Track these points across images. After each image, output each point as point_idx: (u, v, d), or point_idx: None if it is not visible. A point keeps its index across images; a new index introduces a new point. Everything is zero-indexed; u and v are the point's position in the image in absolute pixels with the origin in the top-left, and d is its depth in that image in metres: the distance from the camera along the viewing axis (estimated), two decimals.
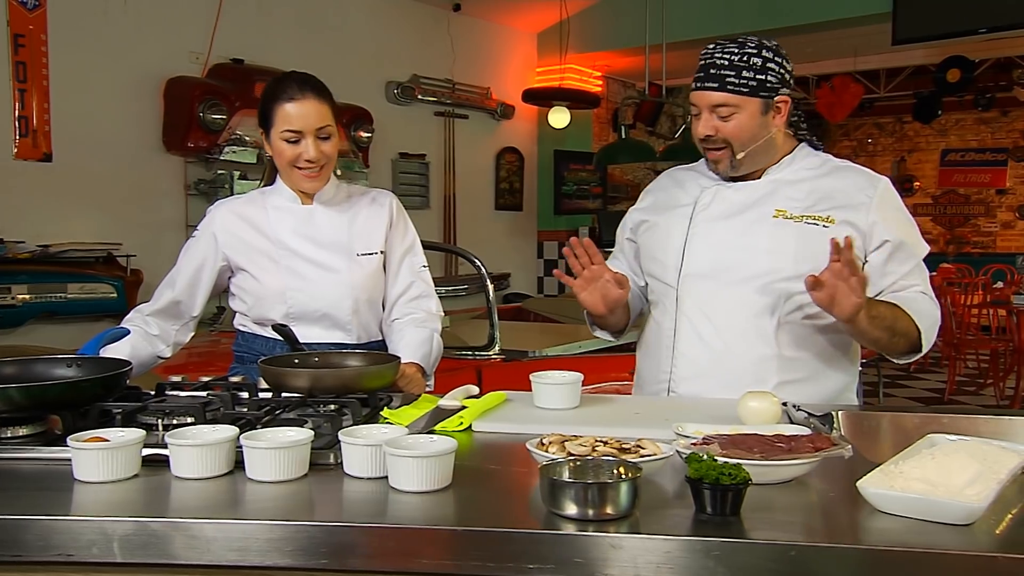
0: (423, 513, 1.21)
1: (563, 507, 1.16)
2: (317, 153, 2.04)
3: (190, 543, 1.16)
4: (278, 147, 2.06)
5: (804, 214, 1.91)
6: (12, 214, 5.00)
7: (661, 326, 2.02)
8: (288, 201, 2.14)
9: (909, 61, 9.06)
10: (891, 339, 1.86)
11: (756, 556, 1.08)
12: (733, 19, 7.32)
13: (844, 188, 1.95)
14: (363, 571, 1.16)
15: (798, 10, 7.08)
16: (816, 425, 1.59)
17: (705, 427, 1.48)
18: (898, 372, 8.31)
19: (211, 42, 5.85)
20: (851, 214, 1.91)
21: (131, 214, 5.52)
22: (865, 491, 1.17)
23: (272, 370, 1.71)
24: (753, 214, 1.95)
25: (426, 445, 1.31)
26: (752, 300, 1.92)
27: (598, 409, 1.78)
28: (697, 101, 1.93)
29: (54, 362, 1.72)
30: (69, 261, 5.11)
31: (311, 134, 2.04)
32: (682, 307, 1.97)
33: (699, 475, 1.17)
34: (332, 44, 6.57)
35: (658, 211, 2.10)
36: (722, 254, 1.94)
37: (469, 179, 7.89)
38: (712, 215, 1.98)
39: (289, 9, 6.38)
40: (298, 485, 1.33)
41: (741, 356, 1.92)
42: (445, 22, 7.53)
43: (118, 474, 1.32)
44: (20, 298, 4.87)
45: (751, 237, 1.93)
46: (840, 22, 7.06)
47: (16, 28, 5.06)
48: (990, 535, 1.10)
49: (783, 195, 1.95)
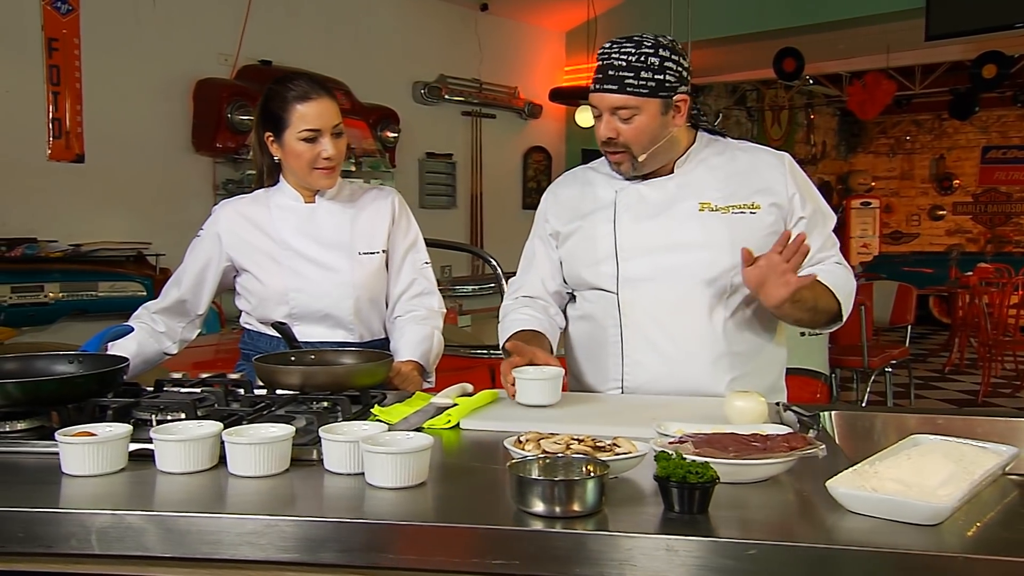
0: (394, 509, 1.22)
1: (530, 504, 1.17)
2: (335, 150, 2.09)
3: (165, 536, 1.19)
4: (295, 148, 2.09)
5: (729, 204, 1.93)
6: (45, 214, 5.12)
7: (605, 331, 1.99)
8: (291, 200, 2.17)
9: (945, 57, 8.91)
10: (813, 317, 1.91)
11: (716, 554, 1.08)
12: (762, 16, 7.27)
13: (757, 170, 1.97)
14: (333, 565, 1.17)
15: (829, 6, 7.00)
16: (806, 423, 1.59)
17: (689, 426, 1.48)
18: (931, 374, 8.18)
19: (239, 44, 5.94)
20: (771, 196, 1.95)
21: (160, 214, 5.62)
22: (835, 491, 1.16)
23: (265, 367, 1.74)
24: (678, 210, 1.94)
25: (401, 442, 1.33)
26: (700, 300, 1.92)
27: (588, 407, 1.78)
28: (597, 103, 1.91)
29: (55, 358, 1.75)
30: (100, 260, 5.22)
31: (328, 132, 2.08)
32: (628, 313, 1.95)
33: (666, 473, 1.17)
34: (359, 45, 6.63)
35: (575, 218, 2.05)
36: (659, 255, 1.93)
37: (496, 179, 7.91)
38: (637, 215, 1.97)
39: (317, 10, 6.45)
40: (279, 480, 1.35)
41: (696, 358, 1.92)
42: (473, 22, 7.56)
43: (104, 468, 1.35)
44: (52, 296, 4.99)
45: (683, 234, 1.93)
46: (872, 18, 6.96)
47: (50, 32, 5.17)
48: (958, 535, 1.08)
49: (701, 187, 1.95)
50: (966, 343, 8.45)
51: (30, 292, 4.89)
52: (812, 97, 12.50)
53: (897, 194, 14.80)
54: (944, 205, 14.42)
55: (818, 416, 1.63)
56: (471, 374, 2.97)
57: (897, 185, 14.84)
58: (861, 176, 14.60)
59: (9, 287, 4.82)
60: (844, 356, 5.83)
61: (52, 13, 5.18)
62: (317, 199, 2.18)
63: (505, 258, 8.08)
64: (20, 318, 4.82)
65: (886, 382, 6.12)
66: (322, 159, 2.09)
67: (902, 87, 9.82)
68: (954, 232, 14.27)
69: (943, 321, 10.95)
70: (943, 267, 10.78)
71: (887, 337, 7.59)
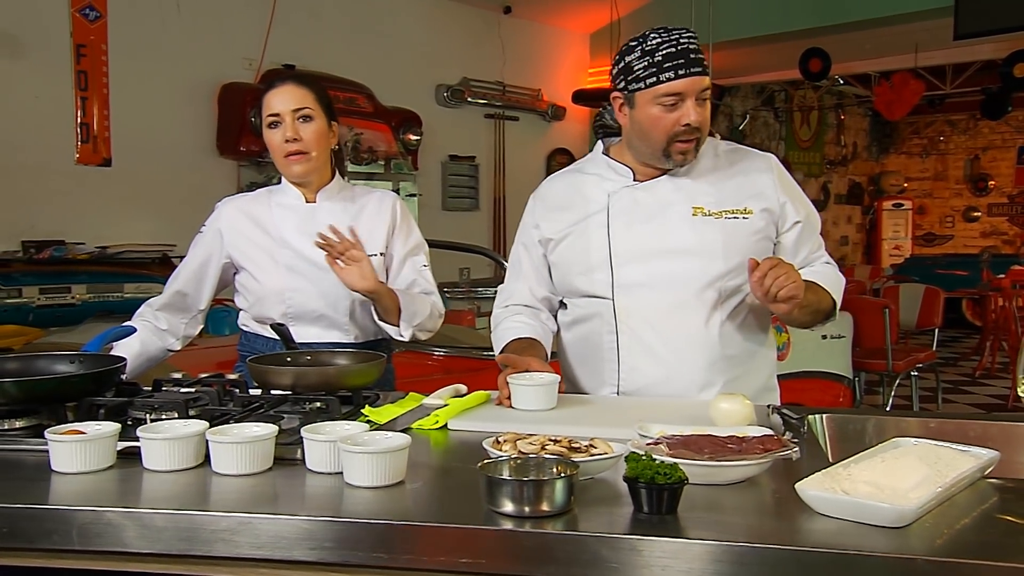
0: (369, 507, 1.24)
1: (500, 504, 1.18)
2: (294, 132, 2.09)
3: (142, 532, 1.22)
4: (266, 137, 2.13)
5: (722, 209, 1.93)
6: (73, 217, 5.22)
7: (600, 337, 1.98)
8: (293, 199, 2.19)
9: (975, 56, 8.77)
10: (814, 318, 1.96)
11: (680, 555, 1.08)
12: (788, 16, 7.21)
13: (746, 173, 1.97)
14: (305, 562, 1.19)
15: (855, 6, 6.93)
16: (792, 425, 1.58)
17: (671, 428, 1.48)
18: (962, 378, 8.05)
19: (264, 48, 6.00)
20: (762, 202, 1.95)
21: (186, 216, 5.64)
22: (803, 493, 1.16)
23: (257, 368, 1.76)
24: (672, 214, 1.93)
25: (379, 442, 1.34)
26: (695, 306, 1.91)
27: (575, 409, 1.78)
28: (685, 88, 1.83)
29: (56, 358, 1.79)
30: (126, 262, 5.29)
31: (288, 115, 2.09)
32: (624, 319, 1.94)
33: (635, 474, 1.18)
34: (382, 48, 6.68)
35: (567, 224, 2.02)
36: (653, 261, 1.92)
37: (519, 181, 7.92)
38: (631, 220, 1.95)
39: (340, 14, 6.50)
40: (261, 479, 1.37)
41: (692, 363, 1.91)
42: (496, 25, 7.59)
43: (92, 465, 1.38)
44: (79, 297, 5.07)
45: (677, 239, 1.92)
46: (899, 17, 6.88)
47: (79, 39, 5.27)
48: (924, 538, 1.08)
49: (694, 191, 1.94)
50: (998, 347, 8.30)
51: (58, 293, 4.98)
52: (842, 97, 12.37)
53: (930, 195, 14.60)
54: (979, 206, 14.20)
55: (804, 419, 1.62)
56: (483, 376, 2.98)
57: (930, 186, 14.63)
58: (893, 177, 14.41)
59: (37, 288, 4.91)
60: (868, 360, 5.76)
61: (80, 20, 5.28)
62: (318, 199, 2.19)
63: None
64: (48, 319, 4.91)
65: (912, 386, 6.04)
66: (285, 144, 2.10)
67: (932, 87, 9.68)
68: (989, 234, 14.03)
69: (976, 324, 10.77)
70: (976, 269, 10.61)
71: (915, 340, 7.48)
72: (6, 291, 4.82)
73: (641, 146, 1.93)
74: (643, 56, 1.84)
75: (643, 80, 1.84)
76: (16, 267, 4.93)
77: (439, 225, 7.05)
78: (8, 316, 4.77)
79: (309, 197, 2.20)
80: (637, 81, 1.85)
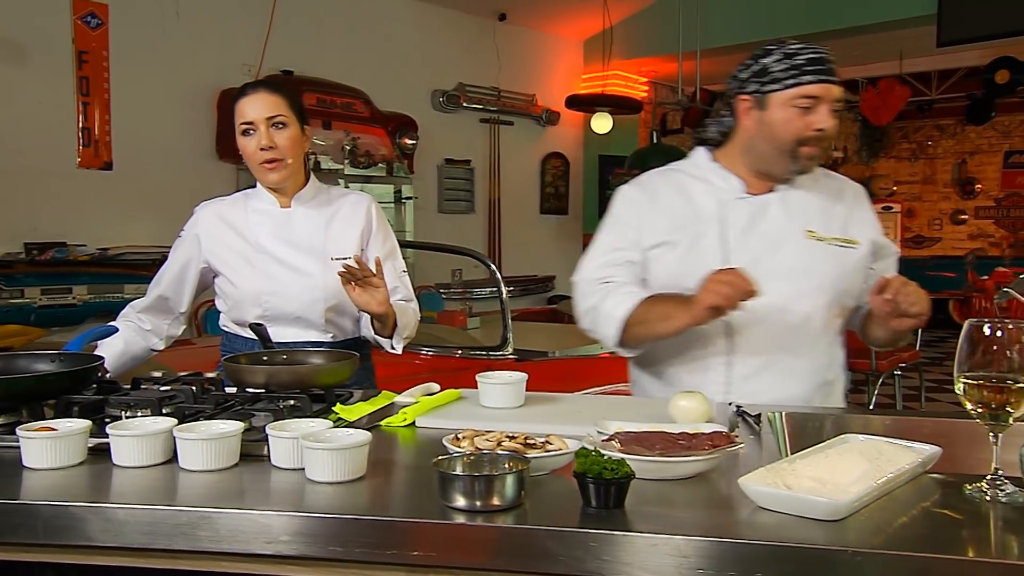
0: (328, 502, 1.24)
1: (452, 499, 1.18)
2: (268, 140, 2.06)
3: (105, 526, 1.22)
4: (240, 144, 2.11)
5: (832, 236, 1.93)
6: (75, 219, 5.23)
7: (708, 341, 1.90)
8: (268, 204, 2.19)
9: (960, 63, 8.78)
10: (904, 339, 2.03)
11: (624, 547, 1.09)
12: (776, 23, 7.20)
13: (847, 202, 2.00)
14: (260, 555, 1.20)
15: (842, 13, 6.92)
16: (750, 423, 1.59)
17: (630, 425, 1.48)
18: (946, 377, 8.00)
19: (262, 54, 6.01)
20: (863, 229, 1.98)
21: (185, 218, 5.66)
22: (746, 488, 1.17)
23: (232, 367, 1.77)
24: (788, 234, 1.91)
25: (340, 438, 1.35)
26: (805, 328, 1.90)
27: (542, 408, 1.79)
28: (822, 93, 1.83)
29: (37, 357, 1.80)
30: (126, 263, 5.29)
31: (262, 123, 2.06)
32: (738, 331, 1.88)
33: (583, 470, 1.18)
34: (379, 55, 6.68)
35: (675, 229, 1.93)
36: (768, 279, 1.76)
37: (514, 184, 7.93)
38: (747, 235, 1.91)
39: (337, 21, 6.51)
40: (227, 474, 1.38)
41: (801, 379, 1.92)
42: (491, 31, 7.59)
43: (62, 461, 1.39)
44: (80, 298, 5.08)
45: (793, 259, 1.89)
46: (885, 24, 6.88)
47: (80, 45, 5.28)
48: (859, 531, 1.08)
49: (804, 213, 1.93)
50: None
51: (59, 294, 4.99)
52: None
53: (919, 198, 14.57)
54: (966, 209, 14.17)
55: (760, 416, 1.62)
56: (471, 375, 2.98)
57: (919, 190, 14.61)
58: (883, 180, 14.37)
59: (39, 289, 4.93)
60: (853, 359, 5.73)
61: (82, 27, 5.29)
62: (293, 204, 2.19)
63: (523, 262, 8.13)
64: (49, 319, 4.92)
65: (895, 385, 6.04)
66: (260, 151, 2.07)
67: (918, 92, 9.68)
68: (976, 236, 14.01)
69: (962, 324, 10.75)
70: (962, 271, 10.61)
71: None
72: (9, 292, 4.83)
73: (766, 149, 1.89)
74: (784, 59, 1.84)
75: (781, 81, 1.83)
76: (18, 268, 4.94)
77: (435, 228, 7.06)
78: (11, 316, 4.78)
79: (284, 202, 2.19)
80: (775, 82, 1.84)
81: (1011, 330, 1.17)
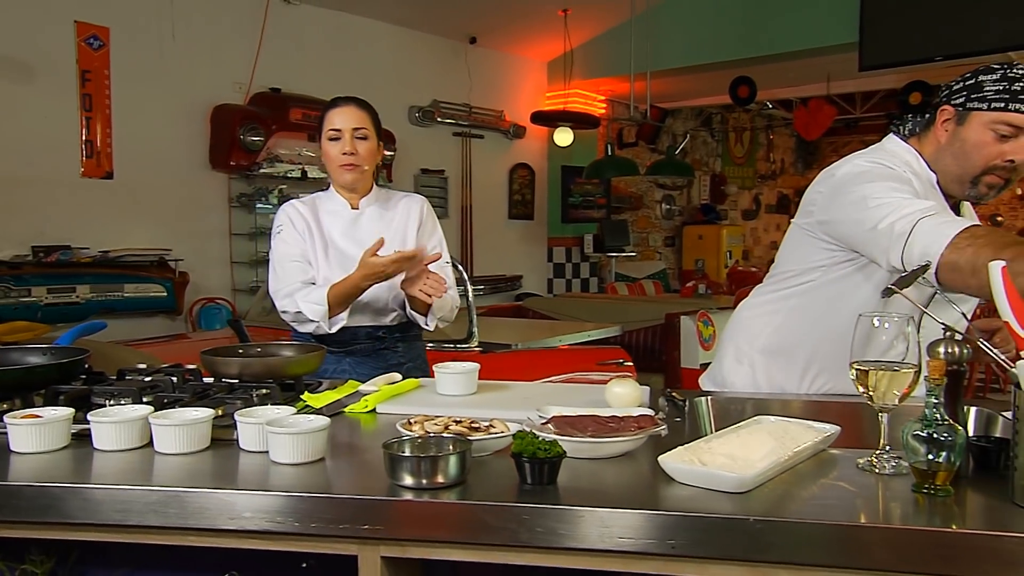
0: (288, 481, 1.23)
1: (400, 478, 1.18)
2: (352, 147, 2.16)
3: (83, 505, 1.21)
4: (325, 148, 2.20)
5: None
6: (79, 224, 5.16)
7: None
8: (339, 206, 2.27)
9: (880, 85, 8.88)
10: None
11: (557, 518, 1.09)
12: (717, 48, 7.25)
13: None
14: (225, 530, 1.19)
15: (775, 40, 6.99)
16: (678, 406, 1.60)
17: (567, 410, 1.49)
18: None
19: (252, 73, 5.95)
20: None
21: (181, 224, 5.65)
22: (664, 464, 1.17)
23: (208, 359, 1.75)
24: None
25: (301, 424, 1.34)
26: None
27: (493, 395, 1.79)
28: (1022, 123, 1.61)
29: (30, 351, 1.78)
30: (126, 265, 5.26)
31: (348, 132, 2.16)
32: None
33: (519, 450, 1.18)
34: (360, 74, 6.63)
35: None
36: None
37: (485, 192, 7.91)
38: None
39: (322, 43, 6.46)
40: (199, 457, 1.37)
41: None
42: (463, 53, 7.57)
43: (46, 446, 1.37)
44: (83, 296, 5.03)
45: None
46: (813, 51, 6.94)
47: (83, 65, 5.21)
48: (762, 501, 1.09)
49: None
50: None
51: (64, 293, 4.94)
52: (771, 119, 12.47)
53: None
54: None
55: (686, 400, 1.64)
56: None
57: None
58: None
59: (45, 288, 4.87)
60: None
61: (86, 48, 5.22)
62: (361, 206, 2.27)
63: (493, 263, 8.10)
64: (55, 316, 4.86)
65: None
66: (342, 155, 2.16)
67: (845, 111, 9.78)
68: None
69: None
70: None
71: None
72: (17, 291, 4.77)
73: (952, 166, 1.69)
74: (1002, 80, 1.62)
75: (990, 101, 1.62)
76: (26, 269, 4.88)
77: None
78: (19, 313, 4.71)
79: (354, 203, 2.27)
80: (983, 101, 1.63)
81: (896, 321, 1.19)
